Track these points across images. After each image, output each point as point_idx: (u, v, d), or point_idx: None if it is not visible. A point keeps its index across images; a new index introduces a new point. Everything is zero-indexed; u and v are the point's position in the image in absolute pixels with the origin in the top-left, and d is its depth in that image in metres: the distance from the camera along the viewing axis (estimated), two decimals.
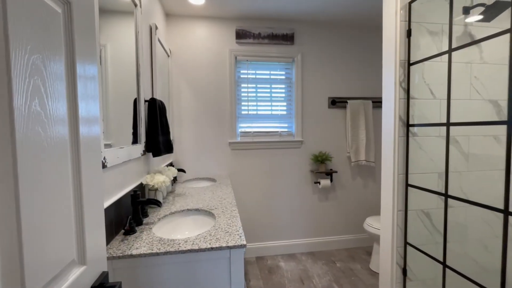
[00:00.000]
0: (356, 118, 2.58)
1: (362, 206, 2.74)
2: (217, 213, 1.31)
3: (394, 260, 1.62)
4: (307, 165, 2.62)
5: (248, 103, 2.52)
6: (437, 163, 1.57)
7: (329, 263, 2.41)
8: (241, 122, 2.53)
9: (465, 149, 1.69)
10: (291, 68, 2.58)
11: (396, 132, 1.57)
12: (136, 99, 1.39)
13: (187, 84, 2.40)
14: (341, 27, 2.61)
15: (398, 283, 1.63)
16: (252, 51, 2.47)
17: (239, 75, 2.51)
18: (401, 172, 1.59)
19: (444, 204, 1.36)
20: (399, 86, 1.56)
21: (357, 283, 2.09)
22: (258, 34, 2.46)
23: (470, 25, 1.66)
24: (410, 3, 1.51)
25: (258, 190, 2.55)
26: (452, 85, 1.33)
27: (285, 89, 2.59)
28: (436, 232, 1.62)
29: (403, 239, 1.61)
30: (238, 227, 1.12)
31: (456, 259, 1.48)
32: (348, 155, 2.64)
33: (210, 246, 0.95)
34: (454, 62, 1.45)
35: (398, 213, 1.60)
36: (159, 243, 0.98)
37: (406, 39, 1.55)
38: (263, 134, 2.55)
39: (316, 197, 2.65)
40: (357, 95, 2.67)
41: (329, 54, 2.61)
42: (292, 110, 2.59)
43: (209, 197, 1.63)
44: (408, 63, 1.55)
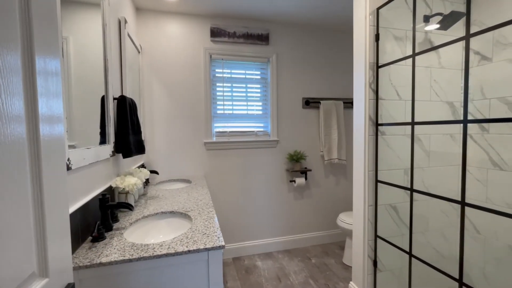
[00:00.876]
0: (328, 118, 2.67)
1: (335, 203, 2.84)
2: (194, 215, 1.27)
3: (365, 253, 1.70)
4: (282, 164, 2.65)
5: (223, 103, 2.49)
6: (403, 160, 1.67)
7: (304, 259, 2.46)
8: (217, 121, 2.49)
9: (426, 146, 1.82)
10: (267, 68, 2.60)
11: (366, 131, 1.65)
12: (104, 97, 1.30)
13: (159, 81, 2.31)
14: (315, 30, 2.69)
15: (369, 275, 1.71)
16: (227, 50, 2.45)
17: (214, 74, 2.47)
18: (371, 169, 1.67)
19: (410, 198, 1.46)
20: (369, 88, 1.65)
21: (332, 277, 2.16)
22: (233, 33, 2.44)
23: (430, 32, 1.80)
24: (378, 9, 1.59)
25: (235, 190, 2.53)
26: (415, 87, 1.43)
27: (260, 89, 2.60)
28: (403, 225, 1.74)
29: (374, 232, 1.69)
30: (215, 228, 1.10)
31: (420, 249, 1.60)
32: (321, 153, 2.72)
33: (187, 249, 0.92)
34: (417, 66, 1.56)
35: (368, 208, 1.68)
36: (131, 248, 0.92)
37: (374, 43, 1.63)
38: (239, 134, 2.53)
39: (291, 196, 2.70)
40: (329, 95, 2.77)
41: (303, 56, 2.67)
42: (267, 110, 2.61)
43: (184, 198, 1.58)
44: (377, 66, 1.63)
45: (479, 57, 1.75)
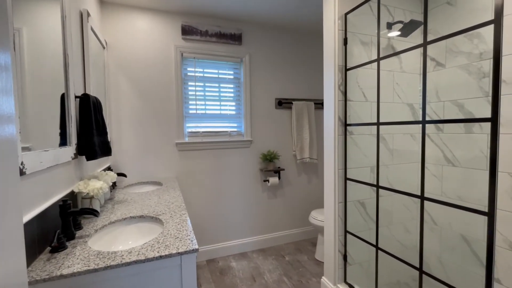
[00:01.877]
0: (300, 118, 2.74)
1: (307, 201, 2.92)
2: (165, 219, 1.22)
3: (336, 248, 1.77)
4: (256, 164, 2.67)
5: (196, 102, 2.44)
6: (370, 158, 1.77)
7: (278, 257, 2.50)
8: (189, 121, 2.43)
9: (390, 145, 1.95)
10: (240, 68, 2.60)
11: (336, 131, 1.72)
12: (64, 94, 1.20)
13: (127, 79, 2.19)
14: (288, 32, 2.74)
15: (340, 269, 1.78)
16: (199, 49, 2.40)
17: (186, 73, 2.41)
18: (341, 167, 1.74)
19: (376, 194, 1.55)
20: (338, 89, 1.72)
21: (305, 273, 2.22)
22: (205, 32, 2.40)
23: (392, 38, 1.93)
24: (346, 14, 1.67)
25: (208, 191, 2.49)
26: (380, 89, 1.52)
27: (234, 89, 2.59)
28: (370, 219, 1.84)
29: (344, 228, 1.77)
30: (188, 231, 1.07)
31: (385, 241, 1.70)
32: (294, 153, 2.78)
33: (159, 255, 0.88)
34: (381, 70, 1.66)
35: (339, 205, 1.75)
36: (97, 257, 0.86)
37: (343, 46, 1.70)
38: (212, 134, 2.50)
39: (265, 195, 2.72)
40: (301, 96, 2.84)
41: (276, 57, 2.71)
42: (241, 110, 2.61)
43: (155, 202, 1.51)
44: (345, 69, 1.71)
45: (435, 63, 1.91)
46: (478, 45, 1.65)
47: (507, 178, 1.49)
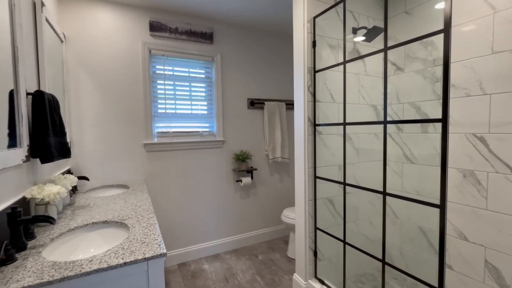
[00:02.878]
0: (272, 118, 2.78)
1: (280, 200, 2.97)
2: (131, 223, 1.17)
3: (307, 244, 1.82)
4: (229, 164, 2.65)
5: (165, 101, 2.36)
6: (337, 157, 1.85)
7: (252, 257, 2.51)
8: (158, 121, 2.34)
9: (356, 144, 2.05)
10: (211, 67, 2.56)
11: (306, 131, 1.77)
12: (13, 91, 1.09)
13: (89, 76, 2.05)
14: (260, 33, 2.76)
15: (310, 265, 1.84)
16: (168, 46, 2.32)
17: (155, 71, 2.31)
18: (311, 166, 1.80)
19: (343, 191, 1.62)
20: (307, 91, 1.77)
21: (277, 271, 2.25)
22: (175, 29, 2.33)
23: (357, 43, 2.03)
24: (315, 18, 1.72)
25: (180, 193, 2.42)
26: (346, 91, 1.59)
27: (205, 88, 2.54)
28: (338, 216, 1.92)
29: (314, 225, 1.83)
30: (156, 235, 1.03)
31: (352, 236, 1.79)
32: (266, 153, 2.81)
33: (123, 261, 0.83)
34: (347, 72, 1.74)
35: (309, 202, 1.80)
36: (52, 268, 0.80)
37: (312, 49, 1.76)
38: (183, 134, 2.43)
39: (238, 195, 2.72)
40: (273, 97, 2.88)
41: (248, 57, 2.71)
42: (213, 110, 2.57)
43: (120, 206, 1.43)
44: (314, 70, 1.77)
45: (395, 68, 2.05)
46: (432, 52, 1.81)
47: (455, 173, 1.64)
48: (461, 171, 1.61)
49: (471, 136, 1.57)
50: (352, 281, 2.00)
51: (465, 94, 1.60)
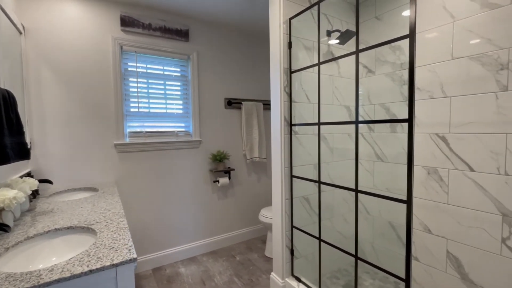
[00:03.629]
0: (250, 118, 2.78)
1: (257, 199, 2.98)
2: (99, 228, 1.10)
3: (283, 243, 1.84)
4: (206, 164, 2.60)
5: (138, 100, 2.26)
6: (313, 156, 1.89)
7: (229, 258, 2.48)
8: (130, 121, 2.24)
9: (330, 144, 2.11)
10: (187, 65, 2.50)
11: (282, 130, 1.79)
12: None
13: (52, 72, 1.91)
14: (237, 32, 2.74)
15: (287, 263, 1.86)
16: (141, 43, 2.23)
17: (127, 68, 2.21)
18: (287, 165, 1.82)
19: (318, 189, 1.66)
20: (284, 91, 1.79)
21: (255, 271, 2.25)
22: (148, 25, 2.24)
23: (332, 46, 2.09)
24: (290, 19, 1.75)
25: (154, 195, 2.33)
26: (321, 92, 1.63)
27: (181, 87, 2.48)
28: (314, 214, 1.96)
29: (290, 223, 1.85)
30: (126, 240, 0.98)
31: (327, 233, 1.84)
32: (244, 153, 2.81)
33: (89, 269, 0.78)
34: (322, 74, 1.78)
35: (285, 201, 1.82)
36: (6, 281, 0.72)
37: (288, 50, 1.78)
38: (157, 134, 2.35)
39: (215, 196, 2.68)
40: (250, 97, 2.88)
41: (225, 56, 2.68)
42: (189, 109, 2.51)
43: (88, 210, 1.35)
44: (290, 71, 1.79)
45: (366, 70, 2.14)
46: (400, 57, 1.91)
47: (421, 170, 1.75)
48: (425, 168, 1.72)
49: (434, 135, 1.68)
50: (327, 277, 2.05)
51: (428, 97, 1.70)
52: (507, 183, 1.38)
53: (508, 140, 1.38)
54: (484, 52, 1.45)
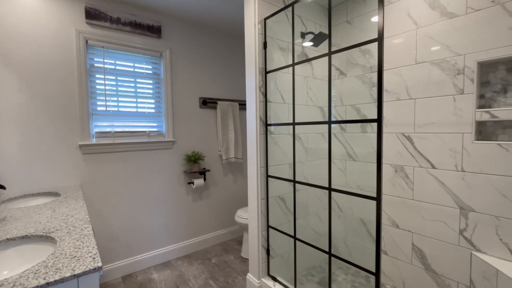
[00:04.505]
0: (225, 118, 2.75)
1: (234, 200, 2.95)
2: (60, 236, 1.01)
3: (259, 243, 1.83)
4: (180, 166, 2.53)
5: (106, 98, 2.13)
6: (288, 156, 1.91)
7: (205, 261, 2.43)
8: (98, 120, 2.10)
9: (305, 143, 2.15)
10: (159, 63, 2.41)
11: (258, 130, 1.79)
12: None
13: (5, 66, 1.73)
14: (213, 31, 2.69)
15: (263, 263, 1.86)
16: (109, 37, 2.10)
17: (93, 63, 2.07)
18: (263, 165, 1.82)
19: (293, 188, 1.68)
20: (259, 91, 1.78)
21: (231, 273, 2.23)
22: (117, 19, 2.13)
23: (306, 47, 2.13)
24: (265, 19, 1.75)
25: (124, 198, 2.21)
26: (296, 93, 1.65)
27: (153, 85, 2.38)
28: (289, 213, 1.98)
29: (266, 223, 1.85)
30: (91, 248, 0.91)
31: (302, 231, 1.87)
32: (219, 153, 2.77)
33: (45, 282, 0.71)
34: (296, 75, 1.81)
35: (261, 201, 1.82)
36: None
37: (263, 50, 1.78)
38: (127, 134, 2.23)
39: (190, 198, 2.61)
40: (226, 97, 2.85)
41: (200, 55, 2.63)
42: (161, 108, 2.42)
43: (47, 217, 1.24)
44: (265, 71, 1.79)
45: (339, 72, 2.21)
46: (369, 60, 2.00)
47: (389, 168, 1.84)
48: (393, 166, 1.82)
49: (401, 135, 1.78)
50: (303, 274, 2.08)
51: (395, 98, 1.80)
52: (464, 179, 1.50)
53: (464, 139, 1.50)
54: (443, 58, 1.56)
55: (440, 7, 1.57)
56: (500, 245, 1.39)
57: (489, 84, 1.46)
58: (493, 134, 1.45)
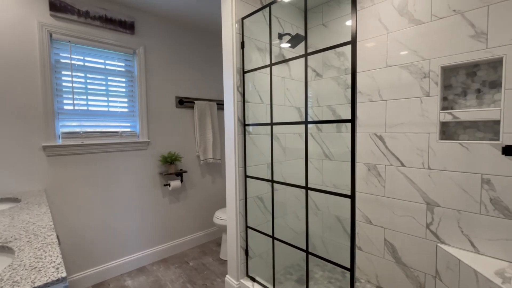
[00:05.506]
0: (203, 118, 2.70)
1: (212, 201, 2.90)
2: (19, 245, 0.93)
3: (238, 244, 1.82)
4: (155, 167, 2.44)
5: (73, 96, 2.00)
6: (266, 156, 1.91)
7: (182, 264, 2.37)
8: (64, 120, 1.97)
9: (283, 143, 2.17)
10: (133, 60, 2.31)
11: (236, 130, 1.77)
12: None
13: None
14: (189, 29, 2.63)
15: (242, 264, 1.85)
16: (77, 32, 1.98)
17: (59, 59, 1.94)
18: (241, 165, 1.81)
19: (271, 188, 1.68)
20: (237, 91, 1.77)
21: (210, 275, 2.19)
22: (85, 12, 2.00)
23: (283, 49, 2.15)
24: (243, 19, 1.74)
25: (95, 203, 2.09)
26: (273, 93, 1.66)
27: (126, 83, 2.27)
28: (267, 212, 1.98)
29: (245, 224, 1.84)
30: (54, 257, 0.84)
31: (280, 231, 1.88)
32: (197, 154, 2.71)
33: None
34: (274, 75, 1.81)
35: (240, 202, 1.81)
36: None
37: (241, 49, 1.77)
38: (97, 134, 2.11)
39: (166, 200, 2.53)
40: (204, 96, 2.80)
41: (177, 53, 2.55)
42: (135, 108, 2.32)
43: (4, 225, 1.13)
44: (243, 71, 1.78)
45: (315, 74, 2.26)
46: (344, 62, 2.06)
47: (362, 167, 1.91)
48: (366, 165, 1.89)
49: (373, 135, 1.85)
50: (281, 273, 2.10)
51: (368, 100, 1.87)
52: (430, 176, 1.60)
53: (430, 138, 1.59)
54: (411, 62, 1.66)
55: (408, 14, 1.66)
56: (462, 236, 1.50)
57: (451, 87, 1.57)
58: (455, 134, 1.56)
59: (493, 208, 1.39)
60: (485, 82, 1.46)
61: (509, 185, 1.33)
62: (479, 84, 1.48)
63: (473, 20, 1.42)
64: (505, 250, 1.36)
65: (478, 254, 1.44)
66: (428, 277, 1.63)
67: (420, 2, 1.60)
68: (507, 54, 1.32)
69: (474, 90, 1.50)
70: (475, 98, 1.49)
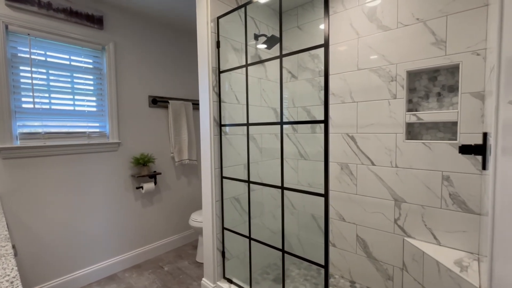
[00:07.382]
0: (178, 118, 2.63)
1: (188, 204, 2.84)
2: None
3: (214, 246, 1.79)
4: (126, 169, 2.33)
5: (33, 94, 1.85)
6: (243, 156, 1.91)
7: (156, 270, 2.29)
8: (23, 119, 1.81)
9: (259, 144, 2.18)
10: (101, 57, 2.18)
11: (212, 131, 1.75)
12: None
13: None
14: (165, 27, 2.55)
15: (219, 266, 1.82)
16: (38, 24, 1.83)
17: (16, 53, 1.78)
18: (217, 166, 1.79)
19: (248, 189, 1.68)
20: (213, 91, 1.75)
21: (185, 279, 2.14)
22: (47, 4, 1.86)
23: (259, 49, 2.16)
24: (218, 18, 1.72)
25: (59, 209, 1.94)
26: (250, 94, 1.66)
27: (94, 81, 2.15)
28: (244, 213, 1.98)
29: (221, 225, 1.82)
30: (9, 270, 0.77)
31: (257, 231, 1.89)
32: (172, 155, 2.63)
33: None
34: (250, 76, 1.81)
35: (216, 203, 1.79)
36: None
37: (216, 49, 1.75)
38: (62, 135, 1.97)
39: (139, 204, 2.43)
40: (178, 96, 2.73)
41: (150, 51, 2.46)
42: (104, 107, 2.20)
43: None
44: (219, 71, 1.76)
45: (290, 75, 2.30)
46: (318, 65, 2.12)
47: (335, 166, 1.98)
48: (339, 164, 1.96)
49: (345, 135, 1.92)
50: (258, 273, 2.11)
51: (341, 101, 1.94)
52: (397, 174, 1.69)
53: (397, 138, 1.69)
54: (380, 66, 1.74)
55: (377, 20, 1.74)
56: (425, 230, 1.60)
57: (415, 90, 1.68)
58: (419, 134, 1.67)
59: (452, 203, 1.50)
60: (444, 86, 1.58)
61: (465, 181, 1.45)
62: (440, 88, 1.60)
63: (434, 28, 1.53)
64: (463, 241, 1.48)
65: (440, 246, 1.55)
66: (396, 269, 1.72)
67: (388, 10, 1.69)
68: (463, 61, 1.44)
69: (435, 94, 1.61)
70: (436, 101, 1.61)
